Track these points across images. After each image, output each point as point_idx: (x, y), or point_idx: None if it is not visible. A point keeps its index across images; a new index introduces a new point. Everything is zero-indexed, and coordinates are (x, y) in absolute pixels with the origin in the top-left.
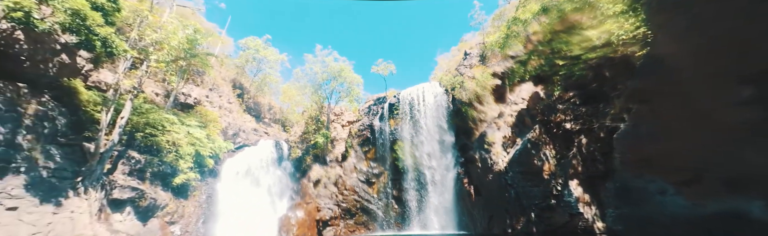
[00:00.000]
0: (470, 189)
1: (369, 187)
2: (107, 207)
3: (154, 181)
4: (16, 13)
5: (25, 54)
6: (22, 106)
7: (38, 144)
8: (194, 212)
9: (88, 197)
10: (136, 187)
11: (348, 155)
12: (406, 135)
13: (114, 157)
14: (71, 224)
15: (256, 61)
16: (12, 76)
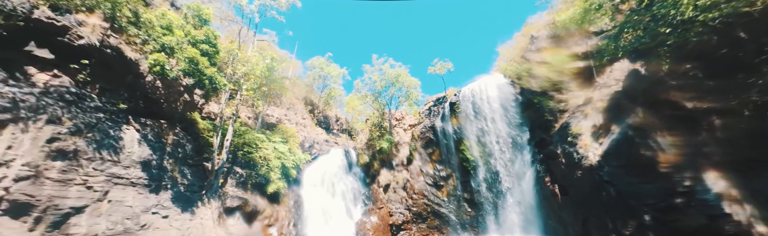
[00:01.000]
0: (554, 188)
1: (438, 190)
2: (223, 214)
3: (254, 191)
4: (155, 67)
5: (163, 98)
6: (164, 137)
7: (176, 166)
8: (285, 216)
9: (210, 206)
10: (241, 196)
11: (413, 158)
12: (472, 133)
13: (225, 173)
14: (202, 228)
15: (322, 78)
16: (156, 115)
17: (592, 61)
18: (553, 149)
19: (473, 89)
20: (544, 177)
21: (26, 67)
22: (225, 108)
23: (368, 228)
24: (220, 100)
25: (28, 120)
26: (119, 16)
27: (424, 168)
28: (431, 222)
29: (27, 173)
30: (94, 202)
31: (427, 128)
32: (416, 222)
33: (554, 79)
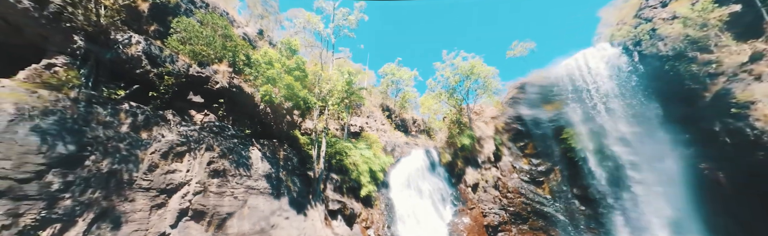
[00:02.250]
0: (717, 176)
1: (537, 187)
2: (328, 216)
3: (349, 194)
4: (266, 97)
5: (272, 121)
6: (277, 153)
7: (288, 176)
8: (379, 219)
9: (317, 209)
10: (340, 200)
11: (501, 154)
12: (575, 118)
13: (324, 179)
14: (313, 228)
15: (394, 83)
16: (269, 136)
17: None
18: (707, 126)
19: (570, 66)
20: (699, 163)
21: (189, 110)
22: (317, 123)
23: (461, 230)
24: (312, 117)
25: (195, 150)
26: (238, 61)
27: (516, 164)
28: (534, 223)
29: (199, 189)
30: (239, 208)
31: (513, 118)
32: (515, 223)
33: (695, 35)
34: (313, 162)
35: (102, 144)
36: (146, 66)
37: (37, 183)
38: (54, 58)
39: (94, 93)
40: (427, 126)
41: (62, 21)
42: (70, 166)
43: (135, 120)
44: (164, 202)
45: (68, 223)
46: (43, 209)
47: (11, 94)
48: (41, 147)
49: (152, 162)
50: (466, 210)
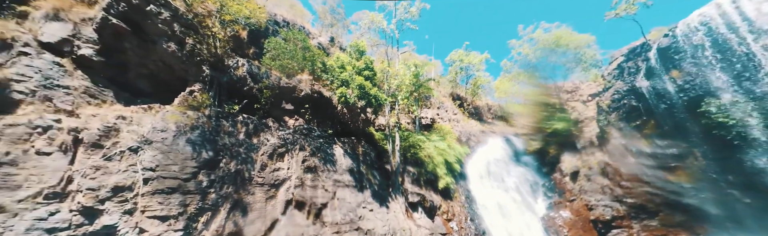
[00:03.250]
0: None
1: (669, 174)
2: (409, 208)
3: (427, 187)
4: (341, 98)
5: (349, 120)
6: (357, 149)
7: (368, 170)
8: (461, 211)
9: (397, 201)
10: (419, 193)
11: (608, 135)
12: (721, 84)
13: (401, 172)
14: (396, 220)
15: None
16: (348, 134)
17: None
18: None
19: (710, 14)
20: None
21: (284, 117)
22: (389, 118)
23: (560, 225)
24: (384, 113)
25: (292, 150)
26: (316, 69)
27: (632, 147)
28: (667, 218)
29: (298, 183)
30: (331, 200)
31: (623, 93)
32: (638, 218)
33: None
34: (389, 156)
35: (229, 150)
36: (250, 83)
37: (194, 181)
38: (193, 86)
39: (219, 109)
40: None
41: (194, 56)
42: (212, 168)
43: (247, 128)
44: (274, 195)
45: (215, 211)
46: (199, 201)
47: (172, 116)
48: (193, 154)
49: (263, 162)
50: (565, 202)
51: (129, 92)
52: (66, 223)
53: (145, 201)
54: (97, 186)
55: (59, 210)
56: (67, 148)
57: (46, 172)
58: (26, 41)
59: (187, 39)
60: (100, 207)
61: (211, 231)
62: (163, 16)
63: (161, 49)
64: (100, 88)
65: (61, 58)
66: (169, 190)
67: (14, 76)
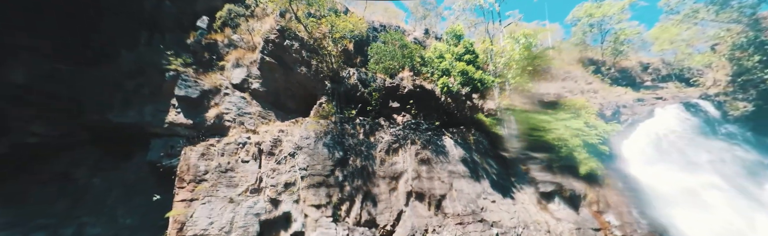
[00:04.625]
0: None
1: None
2: (541, 199)
3: (564, 174)
4: (444, 88)
5: (455, 109)
6: (467, 138)
7: (482, 159)
8: (620, 201)
9: (525, 192)
10: (552, 181)
11: None
12: None
13: (523, 159)
14: (526, 212)
15: (594, 27)
16: (455, 124)
17: None
18: None
19: None
20: None
21: (392, 114)
22: (500, 102)
23: None
24: (492, 96)
25: (404, 145)
26: (415, 64)
27: None
28: None
29: (414, 175)
30: (448, 191)
31: None
32: None
33: None
34: (505, 143)
35: (353, 149)
36: (361, 88)
37: (333, 177)
38: (321, 99)
39: (341, 115)
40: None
41: (318, 74)
42: (343, 165)
43: (365, 129)
44: (395, 187)
45: (352, 201)
46: (339, 192)
47: (311, 125)
48: (329, 155)
49: (381, 157)
50: None
51: (282, 111)
52: (263, 210)
53: (304, 193)
54: (275, 183)
55: (258, 201)
56: (256, 157)
57: (248, 174)
58: (226, 85)
59: (312, 61)
60: (279, 198)
61: (352, 218)
62: (295, 47)
63: (297, 73)
64: (266, 110)
65: (243, 93)
66: (318, 184)
67: (224, 110)
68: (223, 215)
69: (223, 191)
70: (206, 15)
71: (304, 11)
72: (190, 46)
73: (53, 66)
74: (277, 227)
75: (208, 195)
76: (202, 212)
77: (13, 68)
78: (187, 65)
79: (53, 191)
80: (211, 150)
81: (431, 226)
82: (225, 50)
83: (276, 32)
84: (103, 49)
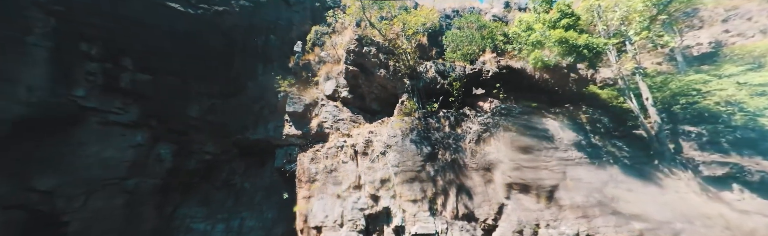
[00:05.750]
0: None
1: None
2: (708, 186)
3: (741, 151)
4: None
5: (555, 86)
6: (577, 118)
7: (604, 140)
8: None
9: (678, 177)
10: (722, 161)
11: None
12: None
13: (668, 136)
14: (685, 203)
15: None
16: (557, 102)
17: None
18: None
19: None
20: None
21: (477, 102)
22: (620, 66)
23: None
24: (608, 62)
25: (495, 134)
26: (497, 44)
27: None
28: None
29: (513, 165)
30: (561, 181)
31: None
32: None
33: None
34: (637, 118)
35: (440, 143)
36: (440, 81)
37: (424, 172)
38: (402, 97)
39: (424, 110)
40: None
41: (397, 73)
42: (433, 159)
43: (449, 121)
44: (491, 179)
45: (446, 195)
46: (432, 187)
47: (396, 124)
48: (417, 151)
49: (471, 149)
50: None
51: (369, 113)
52: (365, 205)
53: (399, 189)
54: (372, 180)
55: (360, 197)
56: (352, 157)
57: (348, 173)
58: (321, 97)
59: (389, 62)
60: (377, 194)
61: (449, 212)
62: (372, 52)
63: (377, 76)
64: (355, 115)
65: (335, 102)
66: (410, 180)
67: (322, 119)
68: (334, 209)
69: (331, 189)
70: (300, 40)
71: (376, 16)
72: (291, 69)
73: (212, 101)
74: (380, 221)
75: (321, 193)
76: (318, 207)
77: (191, 105)
78: (292, 85)
79: (223, 194)
80: (318, 155)
81: (544, 220)
82: (316, 67)
83: (354, 42)
84: (237, 83)
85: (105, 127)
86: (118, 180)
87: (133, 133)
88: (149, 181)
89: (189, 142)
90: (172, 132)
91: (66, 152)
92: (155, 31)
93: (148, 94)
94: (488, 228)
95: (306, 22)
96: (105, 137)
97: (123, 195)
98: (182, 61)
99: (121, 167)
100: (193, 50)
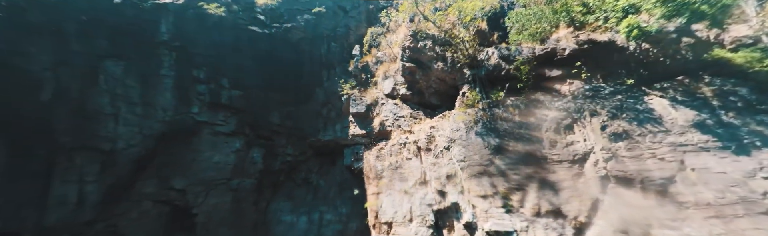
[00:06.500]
0: None
1: None
2: None
3: None
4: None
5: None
6: (696, 91)
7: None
8: None
9: None
10: None
11: None
12: None
13: None
14: None
15: None
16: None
17: None
18: None
19: None
20: None
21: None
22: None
23: None
24: (743, 16)
25: (580, 119)
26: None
27: None
28: None
29: (607, 155)
30: (677, 172)
31: None
32: None
33: None
34: None
35: (510, 134)
36: (505, 66)
37: (493, 166)
38: (463, 88)
39: (488, 100)
40: None
41: (455, 64)
42: (503, 152)
43: (519, 110)
44: (580, 171)
45: (523, 191)
46: (504, 182)
47: (459, 117)
48: (484, 143)
49: (550, 139)
50: None
51: (429, 108)
52: (433, 200)
53: (466, 184)
54: (438, 176)
55: (427, 193)
56: (416, 154)
57: (413, 170)
58: (381, 96)
59: (446, 54)
60: (444, 189)
61: (528, 209)
62: (428, 46)
63: (434, 70)
64: (415, 111)
65: (395, 99)
66: (479, 175)
67: (383, 118)
68: (402, 205)
69: (398, 185)
70: (357, 43)
71: (430, 9)
72: (352, 72)
73: (288, 108)
74: (449, 216)
75: (388, 189)
76: (387, 203)
77: (272, 114)
78: (353, 88)
79: (303, 190)
80: (382, 152)
81: (656, 219)
82: (374, 67)
83: (409, 38)
84: (307, 91)
85: (214, 137)
86: (225, 180)
87: (233, 141)
88: (247, 181)
89: (273, 146)
90: (260, 138)
91: (190, 158)
92: (242, 52)
93: (241, 106)
94: (580, 226)
95: (362, 25)
96: (214, 145)
97: (230, 193)
98: (263, 75)
99: (227, 169)
100: (270, 65)
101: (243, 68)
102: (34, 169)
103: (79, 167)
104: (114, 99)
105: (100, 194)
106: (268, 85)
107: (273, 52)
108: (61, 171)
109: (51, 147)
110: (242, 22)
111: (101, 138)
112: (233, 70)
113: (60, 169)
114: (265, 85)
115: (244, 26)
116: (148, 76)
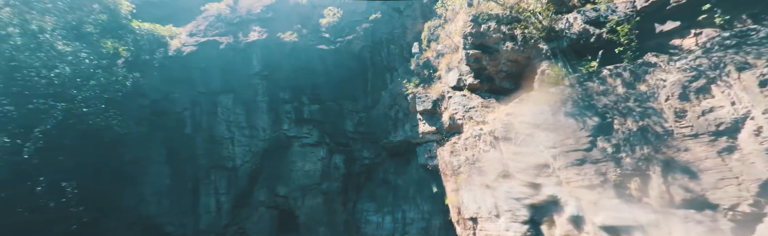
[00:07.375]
0: None
1: None
2: None
3: None
4: None
5: None
6: None
7: None
8: None
9: None
10: None
11: None
12: None
13: None
14: None
15: None
16: None
17: None
18: None
19: None
20: None
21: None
22: None
23: None
24: None
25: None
26: None
27: None
28: None
29: None
30: None
31: None
32: None
33: None
34: None
35: (614, 109)
36: (593, 32)
37: (597, 149)
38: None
39: (576, 74)
40: None
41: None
42: (607, 132)
43: (622, 78)
44: (731, 145)
45: (643, 176)
46: (615, 167)
47: (540, 98)
48: (579, 125)
49: (674, 108)
50: None
51: (501, 94)
52: (523, 194)
53: (564, 173)
54: (524, 167)
55: (513, 186)
56: (493, 145)
57: (492, 162)
58: (446, 90)
59: (515, 31)
60: (535, 181)
61: (654, 198)
62: (492, 28)
63: (503, 52)
64: (486, 99)
65: (461, 91)
66: (578, 162)
67: (452, 111)
68: (485, 200)
69: (478, 179)
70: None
71: None
72: (414, 71)
73: (359, 115)
74: (547, 211)
75: (468, 185)
76: (468, 198)
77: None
78: (417, 86)
79: (384, 190)
80: (456, 147)
81: None
82: (436, 62)
83: (469, 23)
84: (374, 95)
85: (302, 148)
86: (316, 185)
87: (318, 150)
88: (334, 184)
89: (351, 151)
90: (339, 145)
91: (287, 168)
92: (315, 70)
93: (320, 119)
94: (743, 219)
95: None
96: (303, 155)
97: (321, 196)
98: (334, 88)
99: (316, 175)
100: (339, 77)
101: (317, 84)
102: (187, 186)
103: (214, 182)
104: (229, 125)
105: (230, 203)
106: (340, 96)
107: (340, 64)
108: (203, 186)
109: (195, 168)
110: (311, 43)
111: (225, 158)
112: (310, 86)
113: (203, 185)
114: (337, 96)
115: (313, 46)
116: (249, 102)
